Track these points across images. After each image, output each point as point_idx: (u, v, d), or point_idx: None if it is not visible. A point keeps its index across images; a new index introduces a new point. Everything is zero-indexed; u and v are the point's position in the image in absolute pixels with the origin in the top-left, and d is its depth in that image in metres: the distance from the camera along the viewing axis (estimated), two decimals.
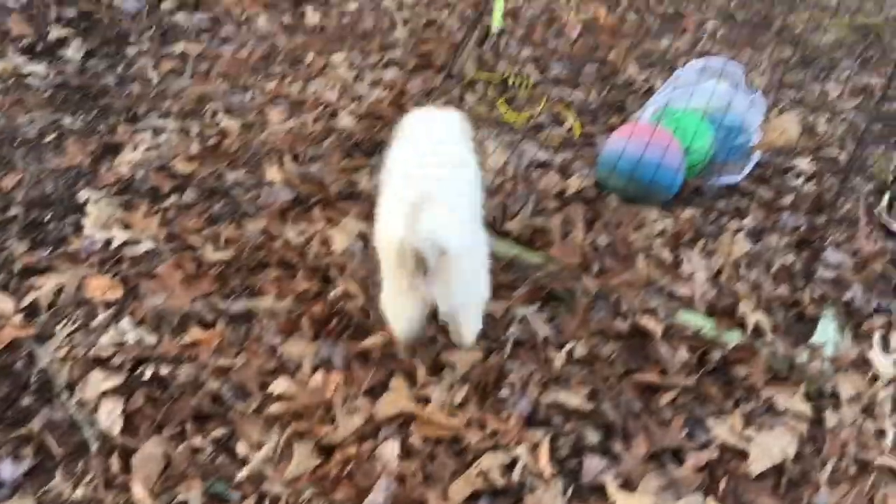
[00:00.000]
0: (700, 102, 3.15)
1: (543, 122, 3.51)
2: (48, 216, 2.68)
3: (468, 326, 2.24)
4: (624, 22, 4.54)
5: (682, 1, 4.93)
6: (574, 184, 3.00)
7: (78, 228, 2.64)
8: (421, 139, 2.23)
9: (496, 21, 3.75)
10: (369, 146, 3.12)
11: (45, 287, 2.35)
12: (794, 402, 2.27)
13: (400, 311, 2.13)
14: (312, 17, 4.05)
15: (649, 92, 3.87)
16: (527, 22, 4.33)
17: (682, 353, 2.37)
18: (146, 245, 2.59)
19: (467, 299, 2.15)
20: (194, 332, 2.26)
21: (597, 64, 4.09)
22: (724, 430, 2.16)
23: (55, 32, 3.60)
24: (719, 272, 2.68)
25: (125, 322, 2.28)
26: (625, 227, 2.83)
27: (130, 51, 3.64)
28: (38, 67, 3.37)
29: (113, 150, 3.02)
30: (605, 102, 3.75)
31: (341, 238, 2.63)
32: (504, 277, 2.59)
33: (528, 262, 2.66)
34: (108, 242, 2.58)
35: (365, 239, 2.62)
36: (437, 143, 2.20)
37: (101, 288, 2.39)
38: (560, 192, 2.94)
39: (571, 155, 3.28)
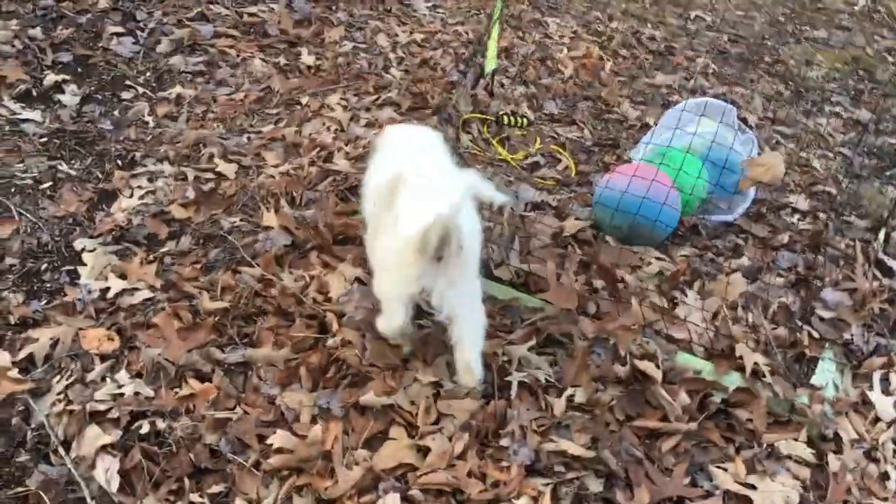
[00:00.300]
0: (694, 141, 3.17)
1: (539, 160, 3.53)
2: (44, 266, 2.67)
3: (474, 348, 2.27)
4: (616, 59, 4.58)
5: (674, 37, 4.97)
6: (570, 225, 3.01)
7: (74, 278, 2.63)
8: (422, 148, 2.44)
9: (490, 60, 3.78)
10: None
11: (40, 340, 2.34)
12: (795, 446, 2.26)
13: (399, 296, 2.22)
14: (307, 58, 4.08)
15: (643, 129, 3.90)
16: (520, 60, 4.37)
17: (683, 398, 2.36)
18: (142, 294, 2.58)
19: (467, 300, 2.23)
20: (192, 384, 2.24)
21: (590, 101, 4.12)
22: (726, 477, 2.14)
23: (51, 77, 3.61)
24: (716, 313, 2.67)
25: (122, 374, 2.27)
26: (621, 268, 2.82)
27: (126, 95, 3.66)
28: (34, 114, 3.37)
29: (109, 196, 3.02)
30: (600, 140, 3.78)
31: (338, 284, 2.63)
32: (500, 321, 2.58)
33: (525, 305, 2.66)
34: (104, 292, 2.57)
35: (362, 284, 2.62)
36: (435, 153, 2.44)
37: (98, 340, 2.38)
38: (555, 233, 2.94)
39: (567, 195, 3.29)
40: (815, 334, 2.64)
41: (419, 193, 2.13)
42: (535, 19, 4.88)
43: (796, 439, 2.28)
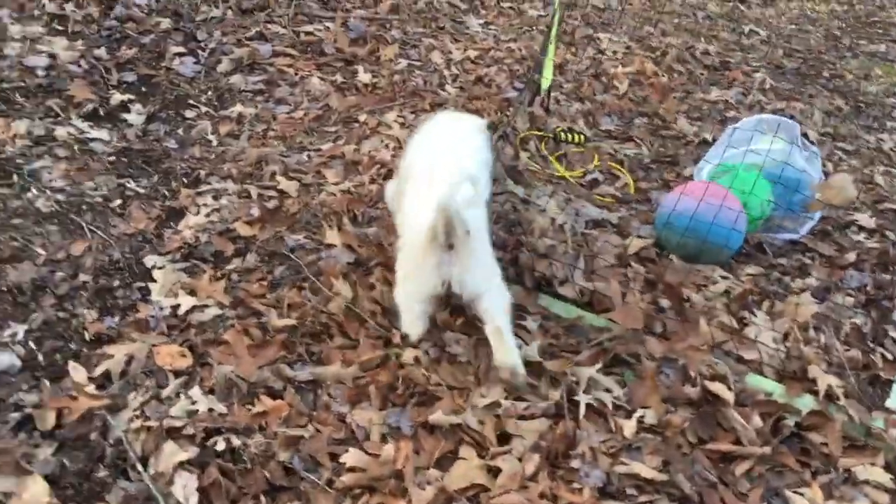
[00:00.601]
0: (757, 159, 3.14)
1: (597, 177, 3.51)
2: (116, 282, 2.73)
3: (504, 324, 2.35)
4: (671, 74, 4.55)
5: (728, 51, 4.93)
6: (633, 244, 2.99)
7: (145, 295, 2.68)
8: (444, 137, 2.64)
9: (546, 78, 3.78)
10: None
11: (116, 356, 2.38)
12: (873, 471, 2.22)
13: (419, 297, 2.37)
14: (364, 76, 4.12)
15: (701, 145, 3.87)
16: (574, 76, 4.36)
17: (756, 421, 2.33)
18: (212, 311, 2.62)
19: (485, 279, 2.35)
20: (264, 401, 2.27)
21: (646, 117, 4.10)
22: (803, 503, 2.10)
23: (117, 97, 3.70)
24: (787, 334, 2.63)
25: (195, 391, 2.30)
26: (686, 287, 2.80)
27: (189, 113, 3.73)
28: (102, 133, 3.46)
29: (176, 214, 3.08)
30: (658, 157, 3.75)
31: None
32: (566, 340, 2.58)
33: (590, 324, 2.64)
34: (174, 309, 2.61)
35: None
36: (460, 141, 2.60)
37: (171, 356, 2.41)
38: (619, 253, 2.93)
39: (627, 213, 3.27)
40: (889, 356, 2.59)
41: (419, 188, 2.36)
42: (587, 35, 4.88)
43: (873, 464, 2.23)
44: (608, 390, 2.40)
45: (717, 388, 2.38)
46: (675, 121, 4.03)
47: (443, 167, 2.43)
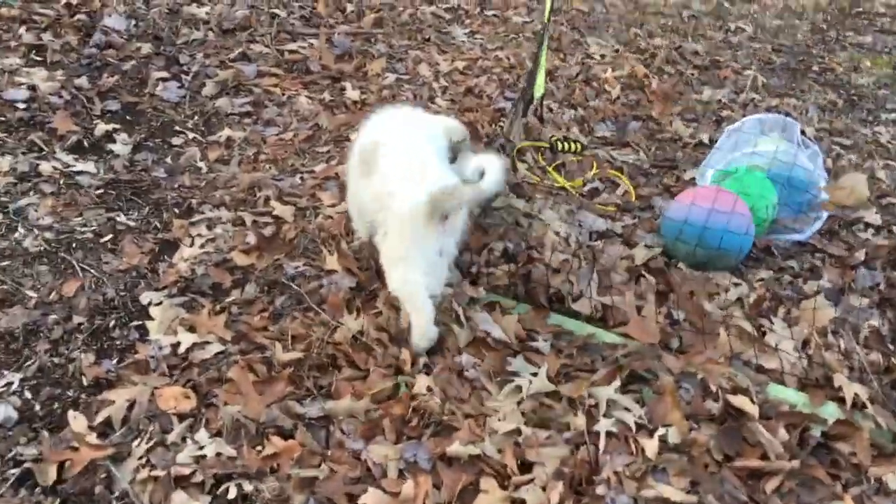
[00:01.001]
0: (761, 161, 3.08)
1: (597, 186, 3.45)
2: (112, 322, 2.63)
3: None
4: (661, 75, 4.50)
5: (717, 50, 4.89)
6: (640, 254, 2.93)
7: (143, 334, 2.58)
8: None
9: (539, 86, 3.72)
10: None
11: (117, 402, 2.29)
12: None
13: (421, 280, 2.44)
14: (352, 93, 4.05)
15: (699, 147, 3.82)
16: (565, 82, 4.30)
17: (782, 433, 2.26)
18: (214, 347, 2.53)
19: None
20: (274, 442, 2.18)
21: (641, 121, 4.04)
22: None
23: (101, 127, 3.59)
24: (806, 341, 2.57)
25: (202, 434, 2.21)
26: (699, 297, 2.74)
27: (176, 140, 3.64)
28: (88, 165, 3.36)
29: (170, 246, 2.99)
30: (656, 161, 3.70)
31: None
32: (580, 359, 2.50)
33: (604, 341, 2.58)
34: (175, 347, 2.52)
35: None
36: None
37: (174, 398, 2.32)
38: (628, 265, 2.86)
39: (631, 221, 3.21)
40: None
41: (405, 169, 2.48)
42: (575, 40, 4.82)
43: None
44: (628, 409, 2.33)
45: (739, 401, 2.31)
46: (671, 123, 3.98)
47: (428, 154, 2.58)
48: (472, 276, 2.84)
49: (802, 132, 3.36)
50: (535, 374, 2.41)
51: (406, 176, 2.45)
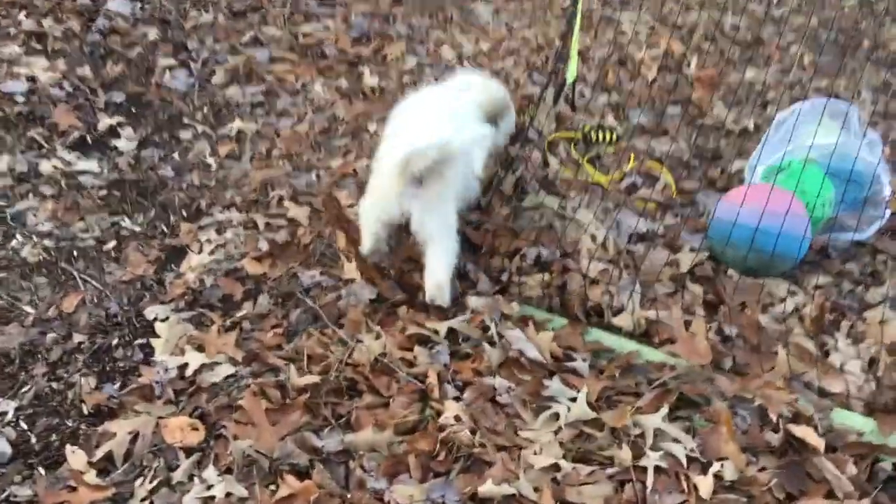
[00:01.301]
0: (814, 153, 2.81)
1: (635, 180, 3.20)
2: (115, 341, 2.45)
3: (446, 269, 2.44)
4: (700, 54, 4.21)
5: (759, 24, 4.57)
6: (685, 259, 2.68)
7: (148, 354, 2.40)
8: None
9: (571, 72, 3.45)
10: None
11: (118, 435, 2.10)
12: None
13: (378, 216, 2.48)
14: (370, 79, 3.80)
15: (743, 135, 3.55)
16: (597, 64, 4.03)
17: (850, 469, 2.03)
18: (224, 369, 2.34)
19: (440, 228, 2.44)
20: (289, 481, 1.98)
21: (679, 106, 3.77)
22: None
23: (105, 121, 3.39)
24: (873, 360, 2.33)
25: (210, 472, 2.01)
26: (752, 308, 2.49)
27: (185, 134, 3.42)
28: (91, 164, 3.16)
29: (177, 254, 2.79)
30: (698, 151, 3.43)
31: (430, 350, 2.36)
32: (623, 382, 2.28)
33: (648, 360, 2.35)
34: (181, 369, 2.33)
35: (454, 339, 2.36)
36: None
37: (181, 430, 2.13)
38: (672, 273, 2.62)
39: (673, 220, 2.96)
40: None
41: (409, 127, 2.52)
42: (605, 16, 4.52)
43: None
44: (678, 441, 2.10)
45: (802, 432, 2.08)
46: (712, 108, 3.70)
47: (434, 113, 2.62)
48: (503, 284, 2.62)
49: (860, 119, 3.07)
50: (573, 400, 2.19)
51: (403, 134, 2.51)
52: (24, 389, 2.25)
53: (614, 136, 3.39)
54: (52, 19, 3.90)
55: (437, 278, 2.43)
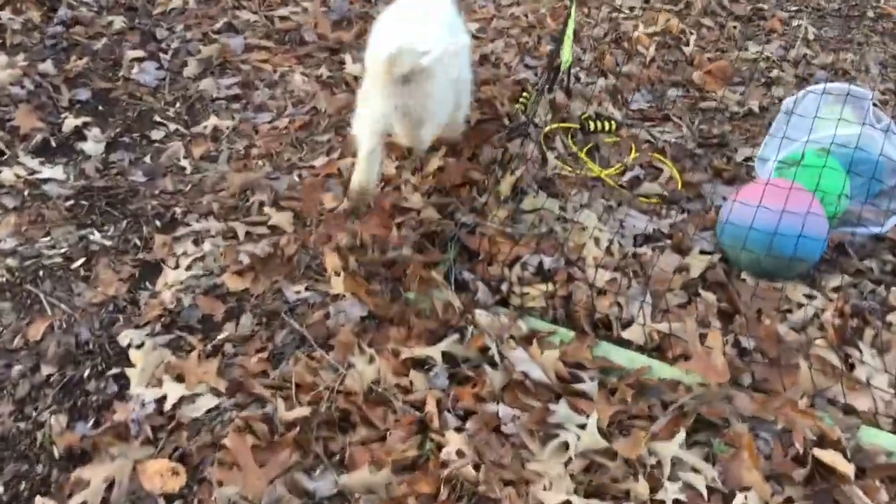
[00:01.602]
0: (828, 143, 2.64)
1: (638, 173, 3.02)
2: (86, 371, 2.27)
3: (426, 131, 2.62)
4: (700, 29, 4.00)
5: None
6: (696, 264, 2.51)
7: (123, 386, 2.22)
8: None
9: (566, 55, 3.24)
10: (443, 235, 2.65)
11: (93, 483, 1.94)
12: None
13: (372, 126, 2.52)
14: (353, 67, 3.57)
15: (748, 118, 3.37)
16: (592, 45, 3.82)
17: (882, 496, 1.90)
18: (205, 401, 2.16)
19: (431, 118, 2.57)
20: None
21: (680, 88, 3.57)
22: None
23: (70, 122, 3.16)
24: None
25: None
26: (770, 317, 2.34)
27: (156, 134, 3.20)
28: (55, 171, 2.94)
29: (152, 270, 2.60)
30: (702, 137, 3.25)
31: (427, 374, 2.19)
32: (636, 405, 2.12)
33: (661, 377, 2.20)
34: (160, 403, 2.16)
35: (452, 361, 2.20)
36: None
37: (160, 475, 1.97)
38: (684, 280, 2.45)
39: (679, 216, 2.79)
40: None
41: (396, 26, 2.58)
42: None
43: None
44: (697, 471, 1.96)
45: (830, 458, 1.94)
46: (714, 88, 3.51)
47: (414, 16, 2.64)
48: (503, 294, 2.45)
49: (874, 103, 2.89)
50: (582, 427, 2.04)
51: (393, 31, 2.56)
52: None
53: (613, 125, 3.20)
54: (10, 10, 3.64)
55: (422, 141, 2.65)
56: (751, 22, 4.10)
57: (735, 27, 4.02)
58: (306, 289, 2.50)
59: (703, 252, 2.57)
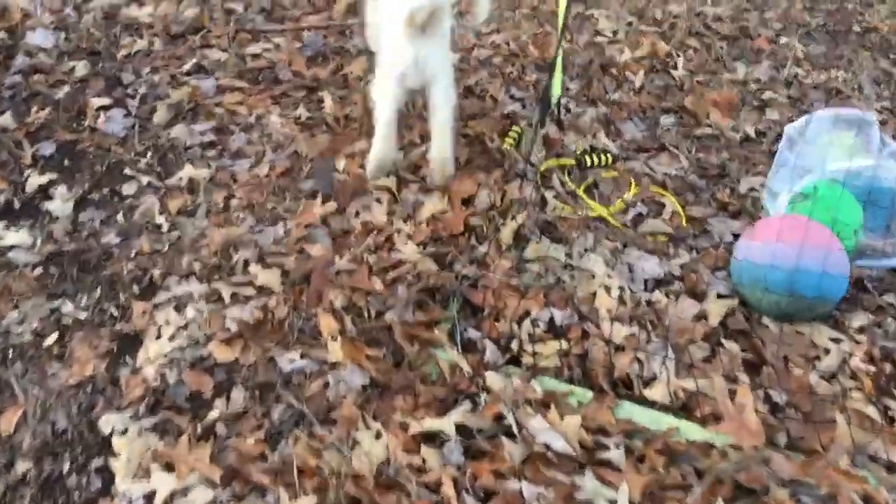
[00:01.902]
0: (840, 175, 2.54)
1: (640, 209, 2.89)
2: (66, 466, 2.07)
3: (447, 120, 2.81)
4: (686, 51, 3.90)
5: (743, 13, 4.27)
6: (715, 309, 2.38)
7: (107, 481, 2.02)
8: None
9: (556, 88, 3.11)
10: (444, 291, 2.49)
11: None
12: None
13: (393, 91, 2.78)
14: (332, 106, 3.41)
15: (745, 144, 3.26)
16: (578, 72, 3.69)
17: None
18: (200, 495, 1.97)
19: (441, 66, 2.79)
20: None
21: (673, 114, 3.46)
22: None
23: (34, 180, 2.95)
24: None
25: None
26: (800, 367, 2.21)
27: (128, 188, 3.00)
28: (21, 236, 2.73)
29: (131, 343, 2.40)
30: (701, 168, 3.13)
31: (440, 449, 2.03)
32: (668, 473, 1.97)
33: (689, 439, 2.05)
34: (149, 499, 1.96)
35: (465, 433, 2.03)
36: None
37: None
38: (704, 330, 2.32)
39: (689, 257, 2.66)
40: None
41: None
42: (579, 14, 4.19)
43: None
44: None
45: None
46: (708, 114, 3.40)
47: None
48: (513, 353, 2.30)
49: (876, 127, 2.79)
50: (613, 503, 1.89)
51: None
52: None
53: (609, 158, 3.07)
54: None
55: (441, 115, 2.79)
56: (737, 41, 4.01)
57: (721, 47, 3.93)
58: (301, 356, 2.33)
59: (720, 296, 2.43)
